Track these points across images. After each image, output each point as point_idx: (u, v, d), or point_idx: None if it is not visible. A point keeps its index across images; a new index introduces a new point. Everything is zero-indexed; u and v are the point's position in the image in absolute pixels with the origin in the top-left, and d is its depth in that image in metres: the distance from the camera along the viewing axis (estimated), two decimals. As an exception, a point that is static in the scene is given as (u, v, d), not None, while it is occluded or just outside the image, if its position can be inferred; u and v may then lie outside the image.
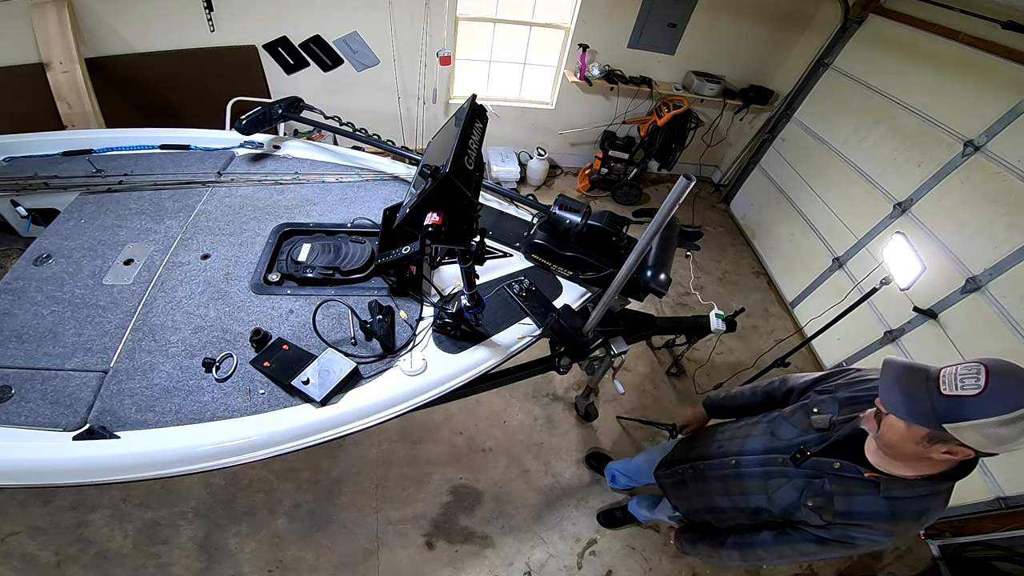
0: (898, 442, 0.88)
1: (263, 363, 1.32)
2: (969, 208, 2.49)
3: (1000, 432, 0.74)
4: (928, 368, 0.86)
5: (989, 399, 0.74)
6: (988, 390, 0.74)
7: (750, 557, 1.19)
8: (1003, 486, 2.15)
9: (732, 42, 3.94)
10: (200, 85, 3.30)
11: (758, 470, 1.17)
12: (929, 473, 0.93)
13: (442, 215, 1.01)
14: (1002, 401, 0.73)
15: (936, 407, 0.79)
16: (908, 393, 0.83)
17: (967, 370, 0.79)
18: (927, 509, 0.96)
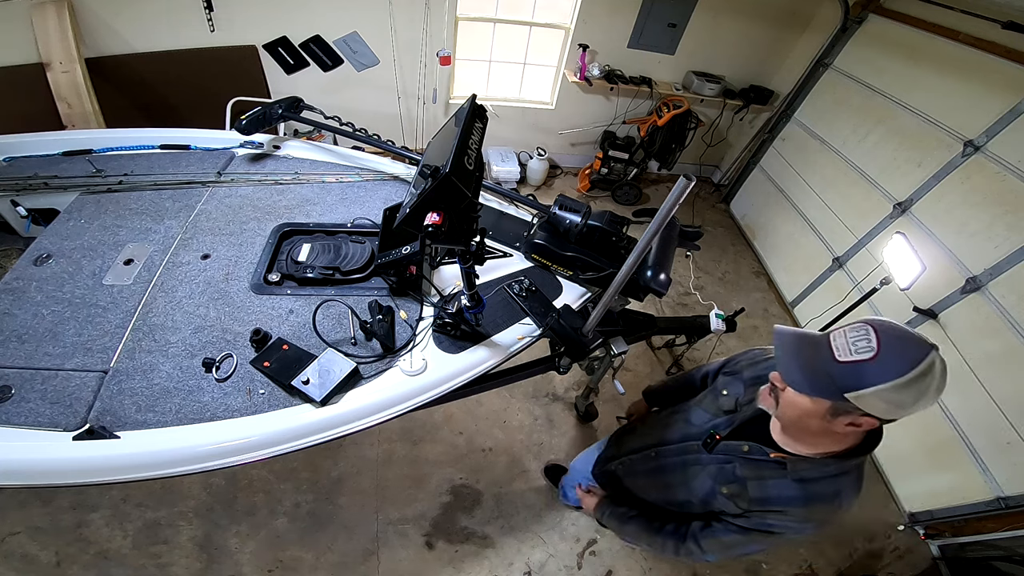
0: (800, 418, 0.84)
1: (263, 363, 1.32)
2: (969, 208, 2.49)
3: (899, 396, 0.70)
4: (816, 335, 0.81)
5: (883, 362, 0.71)
6: (881, 352, 0.71)
7: (682, 550, 1.11)
8: (1003, 486, 2.15)
9: (732, 42, 3.94)
10: (200, 85, 3.30)
11: (676, 460, 1.14)
12: (835, 450, 0.88)
13: (442, 215, 1.01)
14: (896, 363, 0.70)
15: (835, 377, 0.74)
16: (806, 365, 0.78)
17: (856, 333, 0.74)
18: (840, 491, 0.90)
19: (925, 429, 2.52)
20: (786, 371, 0.81)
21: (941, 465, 2.44)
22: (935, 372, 0.70)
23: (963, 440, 2.33)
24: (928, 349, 0.70)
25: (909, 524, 2.50)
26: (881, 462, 2.74)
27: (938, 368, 0.70)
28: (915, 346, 0.71)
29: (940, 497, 2.40)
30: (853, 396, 0.73)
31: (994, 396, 2.22)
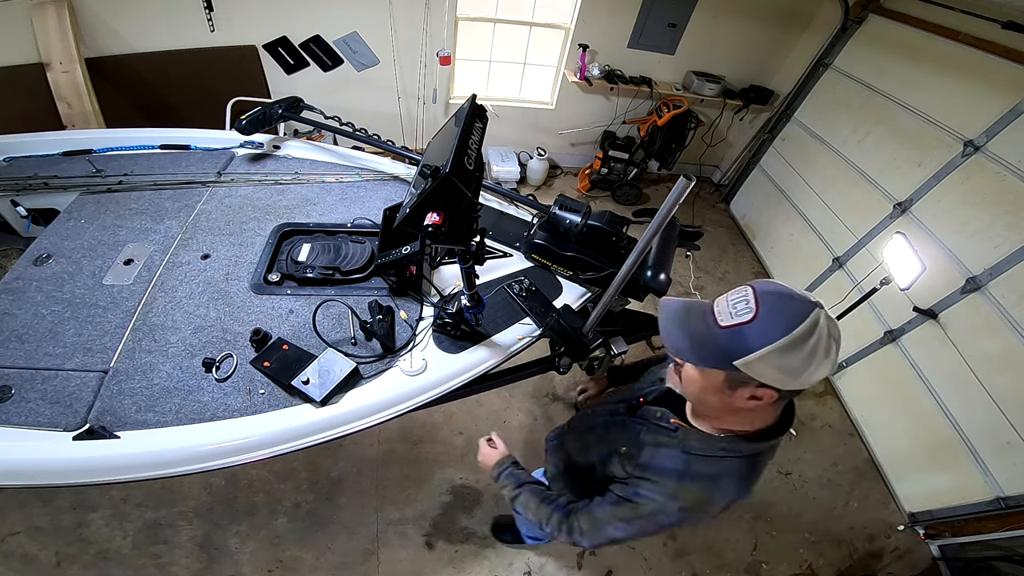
0: (700, 394, 0.79)
1: (263, 363, 1.32)
2: (969, 208, 2.49)
3: (786, 360, 0.65)
4: (701, 303, 0.76)
5: (763, 322, 0.66)
6: (760, 312, 0.66)
7: (564, 526, 1.01)
8: (1003, 486, 2.15)
9: (732, 42, 3.94)
10: (200, 85, 3.30)
11: (604, 419, 1.13)
12: (741, 429, 0.82)
13: (442, 215, 1.01)
14: (777, 323, 0.65)
15: (720, 344, 0.69)
16: (692, 334, 0.73)
17: (737, 295, 0.70)
18: (720, 475, 0.83)
19: (925, 429, 2.52)
20: (672, 342, 0.76)
21: (941, 465, 2.44)
22: (820, 331, 0.64)
23: (963, 440, 2.33)
24: (811, 307, 0.65)
25: (909, 524, 2.50)
26: (881, 462, 2.74)
27: (823, 327, 0.64)
28: (796, 304, 0.66)
29: (940, 497, 2.40)
30: (742, 363, 0.67)
31: (994, 396, 2.22)
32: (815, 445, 2.83)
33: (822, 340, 0.64)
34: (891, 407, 2.75)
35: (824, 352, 0.65)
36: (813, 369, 0.65)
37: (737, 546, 2.35)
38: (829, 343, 0.65)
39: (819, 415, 2.99)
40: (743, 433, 0.82)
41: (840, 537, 2.45)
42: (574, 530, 0.99)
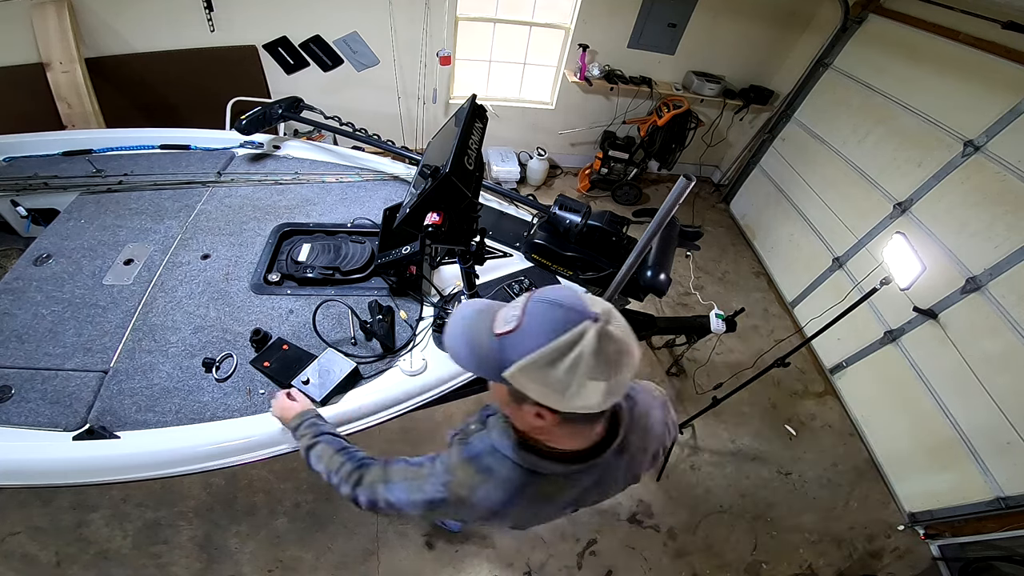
0: (500, 406, 0.72)
1: (263, 363, 1.32)
2: (969, 208, 2.49)
3: (546, 375, 0.57)
4: (494, 306, 0.68)
5: (526, 333, 0.59)
6: (524, 321, 0.59)
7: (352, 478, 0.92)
8: (1003, 486, 2.15)
9: (732, 42, 3.94)
10: (200, 85, 3.30)
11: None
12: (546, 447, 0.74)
13: (442, 215, 1.01)
14: (538, 333, 0.58)
15: (493, 353, 0.62)
16: (471, 342, 0.66)
17: (516, 302, 0.64)
18: (493, 474, 0.76)
19: (925, 429, 2.52)
20: (451, 345, 0.68)
21: (941, 465, 2.44)
22: (583, 346, 0.56)
23: (963, 440, 2.33)
24: (581, 318, 0.57)
25: (909, 524, 2.50)
26: (881, 462, 2.74)
27: (590, 340, 0.56)
28: (562, 313, 0.58)
29: (940, 497, 2.40)
30: (507, 376, 0.60)
31: (994, 396, 2.22)
32: (815, 445, 2.83)
33: (584, 357, 0.56)
34: (891, 407, 2.75)
35: (587, 371, 0.56)
36: (576, 389, 0.57)
37: (737, 546, 2.35)
38: (595, 362, 0.56)
39: (819, 415, 2.99)
40: (546, 450, 0.74)
41: (840, 537, 2.45)
42: (360, 482, 0.91)
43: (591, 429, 0.72)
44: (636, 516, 2.37)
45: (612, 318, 0.60)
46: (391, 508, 0.86)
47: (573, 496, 0.80)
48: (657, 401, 0.91)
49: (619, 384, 0.60)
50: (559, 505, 0.80)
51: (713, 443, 2.73)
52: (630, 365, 0.60)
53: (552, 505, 0.79)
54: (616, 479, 0.85)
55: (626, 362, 0.59)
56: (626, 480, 0.88)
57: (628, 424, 0.78)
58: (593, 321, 0.57)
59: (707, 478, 2.57)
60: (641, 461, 0.86)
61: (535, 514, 0.81)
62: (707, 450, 2.69)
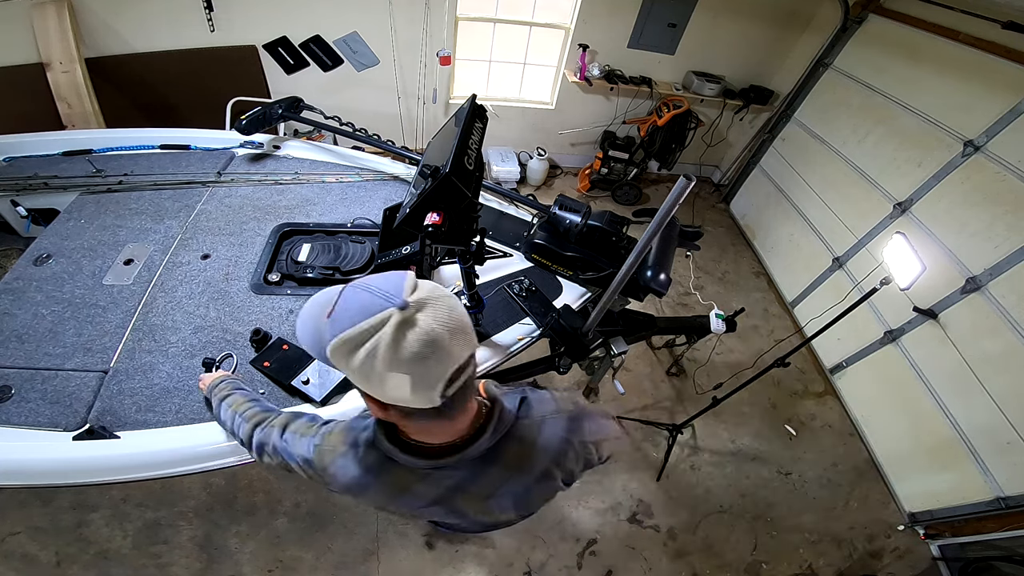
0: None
1: (263, 363, 1.32)
2: (969, 208, 2.49)
3: (355, 361, 0.55)
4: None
5: (337, 316, 0.57)
6: (338, 304, 0.58)
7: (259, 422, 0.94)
8: (1003, 486, 2.15)
9: (732, 42, 3.94)
10: (200, 85, 3.30)
11: None
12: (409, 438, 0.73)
13: (442, 215, 1.01)
14: (344, 318, 0.56)
15: (320, 335, 0.60)
16: (313, 320, 0.63)
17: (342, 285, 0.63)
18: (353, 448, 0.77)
19: (925, 429, 2.52)
20: (299, 324, 0.66)
21: (941, 465, 2.44)
22: (383, 334, 0.53)
23: (963, 440, 2.33)
24: (385, 305, 0.55)
25: (909, 524, 2.50)
26: (881, 462, 2.74)
27: (388, 330, 0.53)
28: (370, 298, 0.56)
29: (940, 497, 2.40)
30: (328, 355, 0.59)
31: (994, 396, 2.22)
32: (815, 445, 2.83)
33: (380, 346, 0.53)
34: (891, 407, 2.75)
35: (385, 362, 0.54)
36: (378, 379, 0.56)
37: (737, 546, 2.35)
38: (392, 353, 0.53)
39: (819, 415, 2.99)
40: (406, 440, 0.72)
41: (840, 537, 2.45)
42: (260, 423, 0.92)
43: (442, 427, 0.68)
44: (636, 516, 2.37)
45: (426, 307, 0.56)
46: (275, 454, 0.86)
47: (435, 495, 0.76)
48: (561, 416, 0.83)
49: (427, 378, 0.56)
50: (421, 500, 0.77)
51: (713, 443, 2.73)
52: (442, 360, 0.56)
53: (411, 498, 0.76)
54: (493, 493, 0.79)
55: (436, 356, 0.55)
56: (515, 500, 0.83)
57: (502, 431, 0.74)
58: (399, 309, 0.54)
59: (707, 478, 2.57)
60: (529, 480, 0.80)
61: (394, 503, 0.78)
62: (707, 450, 2.69)
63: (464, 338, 0.59)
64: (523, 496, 0.84)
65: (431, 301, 0.57)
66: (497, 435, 0.73)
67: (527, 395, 0.83)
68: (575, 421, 0.85)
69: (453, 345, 0.56)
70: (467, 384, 0.63)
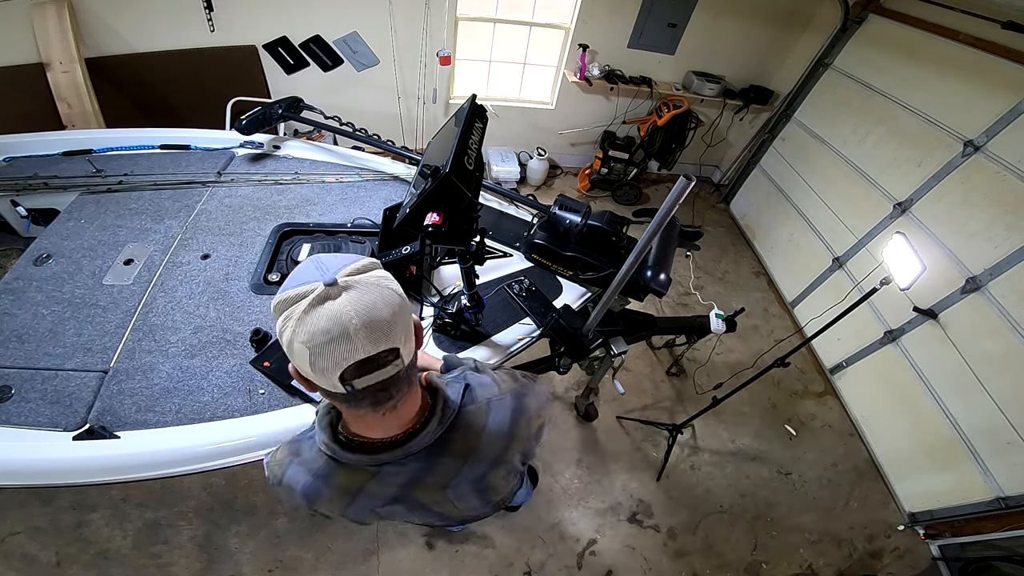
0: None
1: (263, 363, 1.32)
2: (969, 208, 2.49)
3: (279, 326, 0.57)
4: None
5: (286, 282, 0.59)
6: (293, 272, 0.60)
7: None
8: (1003, 486, 2.15)
9: (732, 42, 3.94)
10: (200, 85, 3.30)
11: None
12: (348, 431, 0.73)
13: (442, 215, 1.01)
14: (288, 282, 0.58)
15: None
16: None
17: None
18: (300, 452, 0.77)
19: (925, 429, 2.52)
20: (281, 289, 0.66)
21: (941, 465, 2.44)
22: (301, 304, 0.54)
23: (963, 440, 2.33)
24: (320, 277, 0.56)
25: (909, 524, 2.50)
26: (881, 462, 2.74)
27: (305, 302, 0.54)
28: (312, 269, 0.58)
29: (940, 497, 2.40)
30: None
31: (994, 396, 2.22)
32: (815, 445, 2.83)
33: (294, 315, 0.54)
34: (891, 407, 2.75)
35: (293, 332, 0.54)
36: (287, 347, 0.56)
37: (737, 546, 2.35)
38: (299, 326, 0.54)
39: (819, 415, 2.99)
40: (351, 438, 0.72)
41: (840, 537, 2.45)
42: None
43: (377, 421, 0.68)
44: (636, 516, 2.37)
45: (351, 289, 0.56)
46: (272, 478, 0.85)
47: (391, 493, 0.75)
48: (505, 397, 0.83)
49: (326, 358, 0.55)
50: (377, 500, 0.76)
51: (713, 443, 2.73)
52: (344, 345, 0.54)
53: (367, 498, 0.75)
54: (448, 483, 0.79)
55: (339, 340, 0.54)
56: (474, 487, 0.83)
57: (447, 422, 0.73)
58: (325, 285, 0.55)
59: (707, 478, 2.57)
60: (483, 466, 0.81)
61: (353, 506, 0.76)
62: (707, 450, 2.69)
63: (379, 332, 0.56)
64: (481, 482, 0.84)
65: (360, 286, 0.57)
66: (442, 427, 0.72)
67: (469, 381, 0.82)
68: (519, 399, 0.85)
69: (360, 334, 0.55)
70: (389, 381, 0.61)
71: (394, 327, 0.59)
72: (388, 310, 0.58)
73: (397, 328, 0.59)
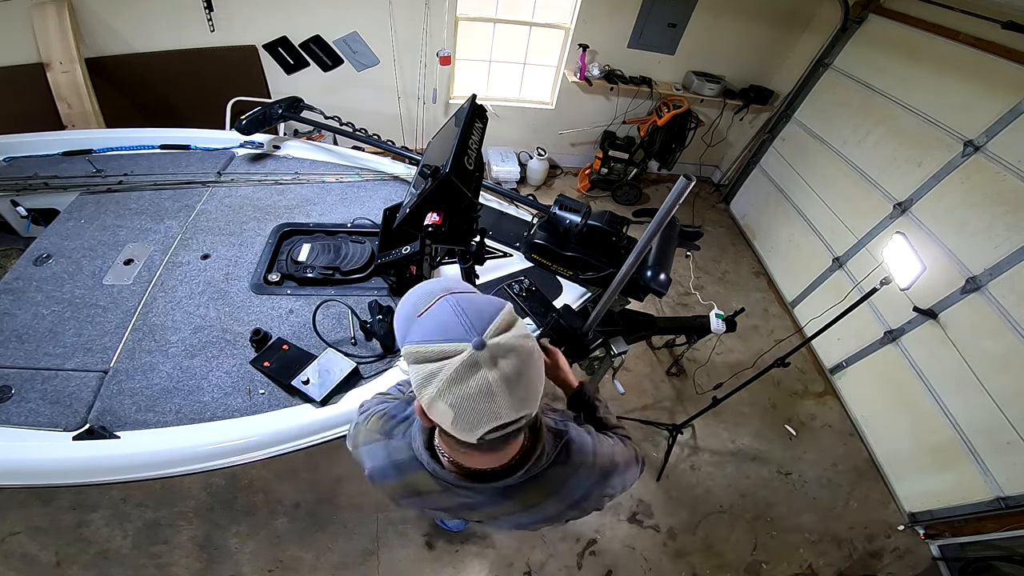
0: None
1: (263, 363, 1.32)
2: (969, 208, 2.49)
3: (418, 374, 0.56)
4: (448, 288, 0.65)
5: (423, 323, 0.58)
6: (427, 312, 0.58)
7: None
8: (1003, 486, 2.15)
9: (732, 42, 3.94)
10: (200, 85, 3.30)
11: None
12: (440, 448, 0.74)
13: (442, 215, 1.01)
14: (427, 329, 0.57)
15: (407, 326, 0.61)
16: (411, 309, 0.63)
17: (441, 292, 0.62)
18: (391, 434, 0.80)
19: (925, 429, 2.52)
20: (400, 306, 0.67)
21: (941, 465, 2.44)
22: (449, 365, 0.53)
23: (963, 440, 2.33)
24: (466, 337, 0.54)
25: (909, 524, 2.50)
26: (881, 462, 2.74)
27: (454, 365, 0.53)
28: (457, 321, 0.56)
29: (940, 497, 2.40)
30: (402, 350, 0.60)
31: (994, 396, 2.22)
32: (815, 445, 2.83)
33: (440, 375, 0.53)
34: (891, 407, 2.75)
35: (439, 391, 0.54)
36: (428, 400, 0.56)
37: (737, 546, 2.35)
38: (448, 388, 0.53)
39: (819, 415, 2.99)
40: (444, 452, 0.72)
41: (840, 537, 2.45)
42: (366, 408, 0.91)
43: (479, 457, 0.68)
44: (636, 516, 2.37)
45: (500, 357, 0.55)
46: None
47: (447, 505, 0.78)
48: (594, 472, 0.81)
49: (471, 420, 0.55)
50: (431, 504, 0.79)
51: (713, 443, 2.73)
52: (493, 411, 0.54)
53: (423, 500, 0.78)
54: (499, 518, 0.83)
55: (488, 406, 0.54)
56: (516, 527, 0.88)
57: (534, 473, 0.73)
58: (475, 348, 0.53)
59: (707, 478, 2.57)
60: (537, 517, 0.83)
61: (406, 500, 0.80)
62: (707, 450, 2.69)
63: (523, 397, 0.57)
64: (524, 526, 0.87)
65: (510, 352, 0.56)
66: (528, 475, 0.72)
67: (570, 435, 0.80)
68: (606, 477, 0.84)
69: (509, 401, 0.55)
70: (512, 433, 0.61)
71: (537, 392, 0.59)
72: (534, 375, 0.58)
73: (538, 392, 0.60)
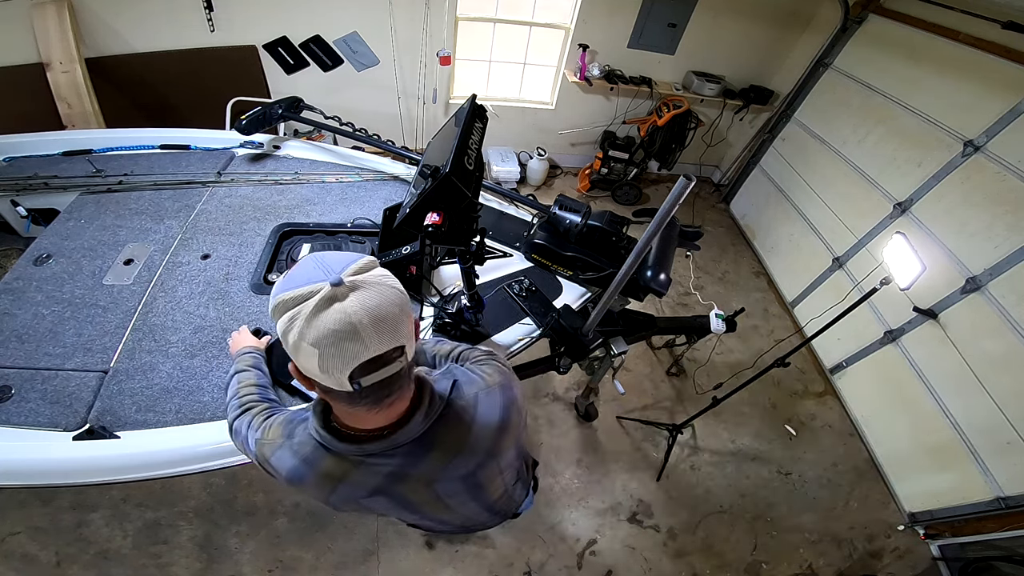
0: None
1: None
2: (969, 208, 2.49)
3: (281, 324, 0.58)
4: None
5: (288, 277, 0.60)
6: (292, 269, 0.61)
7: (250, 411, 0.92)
8: (1003, 486, 2.15)
9: (732, 42, 3.94)
10: (200, 85, 3.30)
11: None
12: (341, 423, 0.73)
13: (442, 215, 1.01)
14: (289, 280, 0.59)
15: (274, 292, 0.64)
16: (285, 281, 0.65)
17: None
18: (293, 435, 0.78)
19: (925, 429, 2.52)
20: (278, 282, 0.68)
21: (941, 465, 2.44)
22: (308, 304, 0.55)
23: (963, 440, 2.33)
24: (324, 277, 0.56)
25: (909, 524, 2.50)
26: (881, 462, 2.74)
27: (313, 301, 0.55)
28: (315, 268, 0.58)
29: (940, 497, 2.40)
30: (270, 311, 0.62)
31: (994, 396, 2.22)
32: (815, 445, 2.83)
33: (301, 315, 0.55)
34: (891, 407, 2.75)
35: (301, 331, 0.55)
36: (293, 346, 0.57)
37: (737, 546, 2.35)
38: (307, 325, 0.54)
39: (819, 415, 2.99)
40: (341, 428, 0.72)
41: (840, 537, 2.45)
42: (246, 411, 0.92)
43: (369, 414, 0.68)
44: (636, 516, 2.37)
45: (358, 289, 0.56)
46: (244, 445, 0.87)
47: (373, 484, 0.75)
48: (493, 390, 0.82)
49: (336, 358, 0.55)
50: (360, 490, 0.76)
51: (713, 443, 2.73)
52: (355, 345, 0.55)
53: (349, 487, 0.75)
54: (436, 477, 0.79)
55: (350, 339, 0.55)
56: (465, 483, 0.83)
57: (434, 416, 0.73)
58: (331, 284, 0.55)
59: (707, 478, 2.57)
60: (473, 460, 0.80)
61: (335, 494, 0.76)
62: (707, 450, 2.69)
63: (388, 331, 0.57)
64: (471, 478, 0.84)
65: (366, 285, 0.57)
66: (429, 420, 0.72)
67: (457, 376, 0.82)
68: (506, 390, 0.84)
69: (371, 333, 0.56)
70: (392, 378, 0.62)
71: (401, 325, 0.60)
72: (395, 308, 0.59)
73: (403, 326, 0.60)
